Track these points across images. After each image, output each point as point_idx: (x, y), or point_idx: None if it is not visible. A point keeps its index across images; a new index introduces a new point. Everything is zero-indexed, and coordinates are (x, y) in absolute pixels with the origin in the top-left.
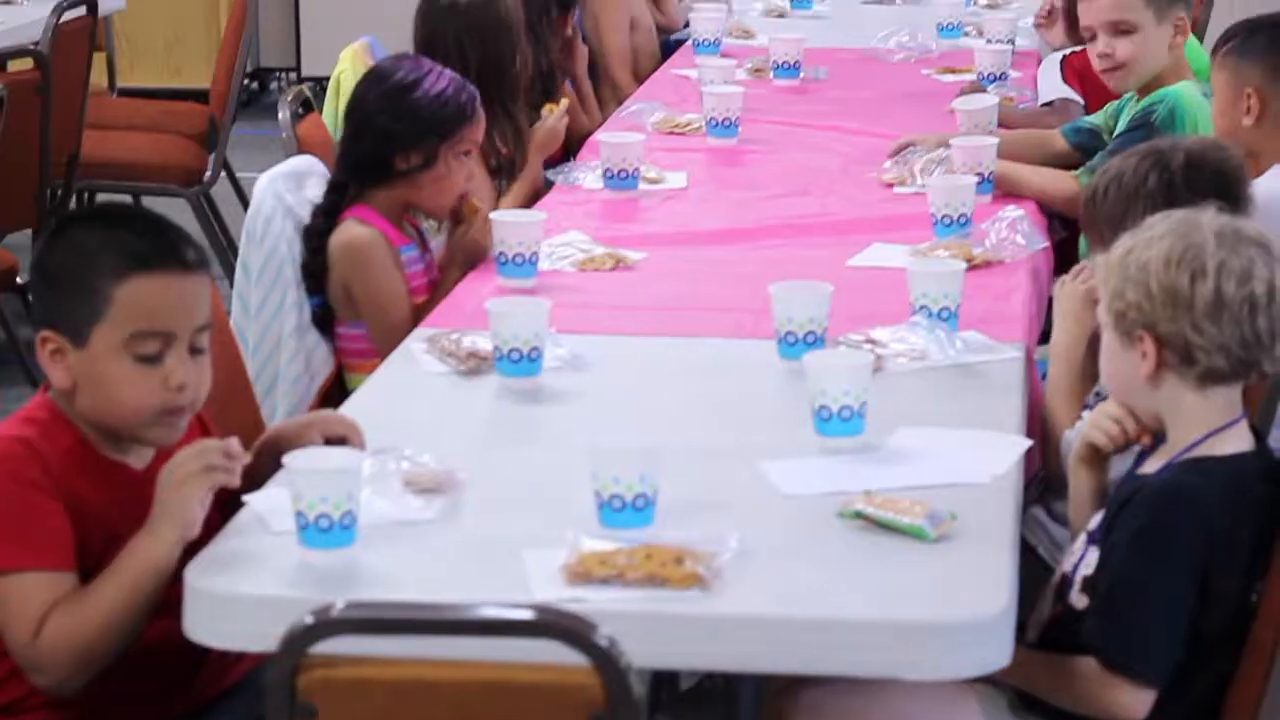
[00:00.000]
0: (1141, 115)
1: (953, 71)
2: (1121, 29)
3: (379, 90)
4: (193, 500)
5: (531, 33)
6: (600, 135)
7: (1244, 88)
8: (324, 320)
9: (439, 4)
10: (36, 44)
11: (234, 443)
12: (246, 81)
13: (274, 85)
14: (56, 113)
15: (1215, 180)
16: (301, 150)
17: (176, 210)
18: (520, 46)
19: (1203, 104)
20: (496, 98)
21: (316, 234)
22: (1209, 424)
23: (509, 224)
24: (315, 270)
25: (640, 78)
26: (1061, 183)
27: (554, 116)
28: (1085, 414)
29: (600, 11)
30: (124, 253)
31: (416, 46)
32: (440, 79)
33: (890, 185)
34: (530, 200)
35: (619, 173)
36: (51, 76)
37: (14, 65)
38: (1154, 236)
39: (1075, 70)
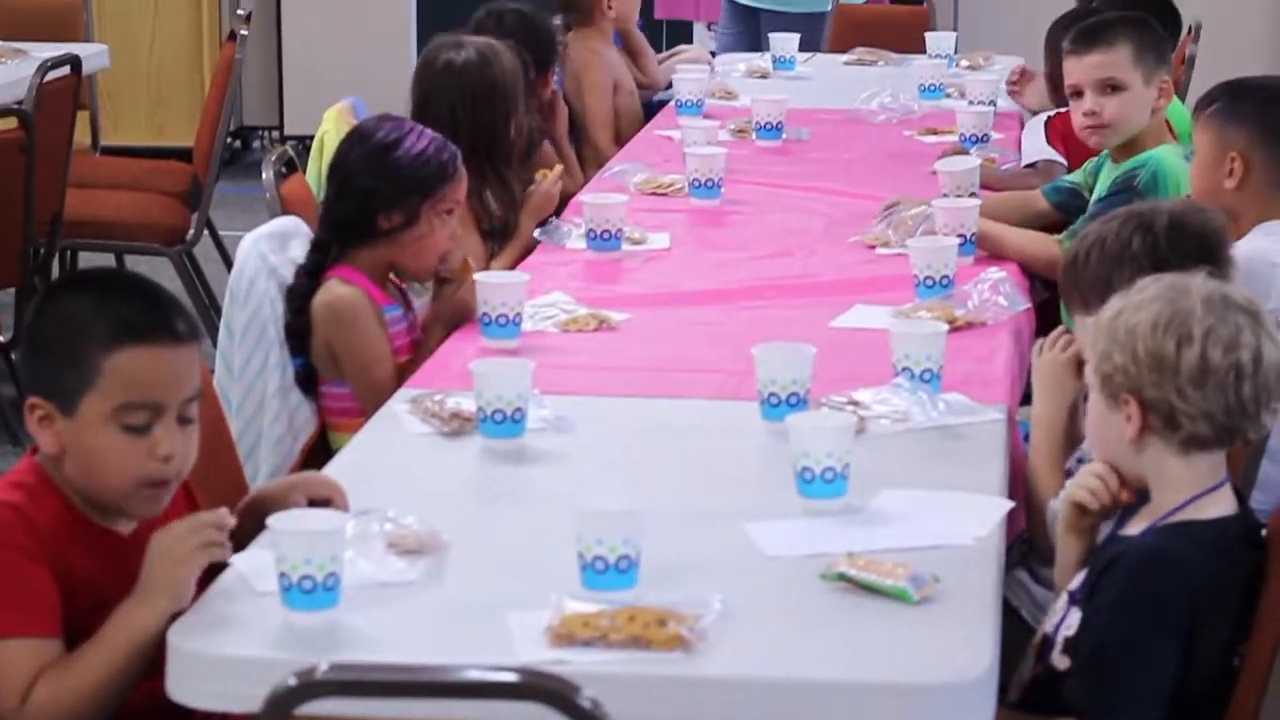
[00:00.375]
0: (1124, 179)
1: (935, 133)
2: (1109, 88)
3: (361, 149)
4: (190, 579)
5: None
6: (583, 196)
7: (1228, 151)
8: (307, 380)
9: (434, 66)
10: (21, 103)
11: (225, 514)
12: (229, 140)
13: (257, 144)
14: (40, 171)
15: (1198, 242)
16: (285, 210)
17: (159, 269)
18: (515, 111)
19: (1184, 167)
20: (489, 161)
21: (300, 294)
22: (1193, 488)
23: (492, 285)
24: (298, 330)
25: (623, 139)
26: (1043, 246)
27: (548, 181)
28: (1068, 482)
29: (582, 74)
30: (115, 323)
31: (412, 108)
32: (422, 138)
33: (872, 246)
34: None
35: (602, 233)
36: (36, 135)
37: None
38: (1143, 300)
39: (1059, 132)
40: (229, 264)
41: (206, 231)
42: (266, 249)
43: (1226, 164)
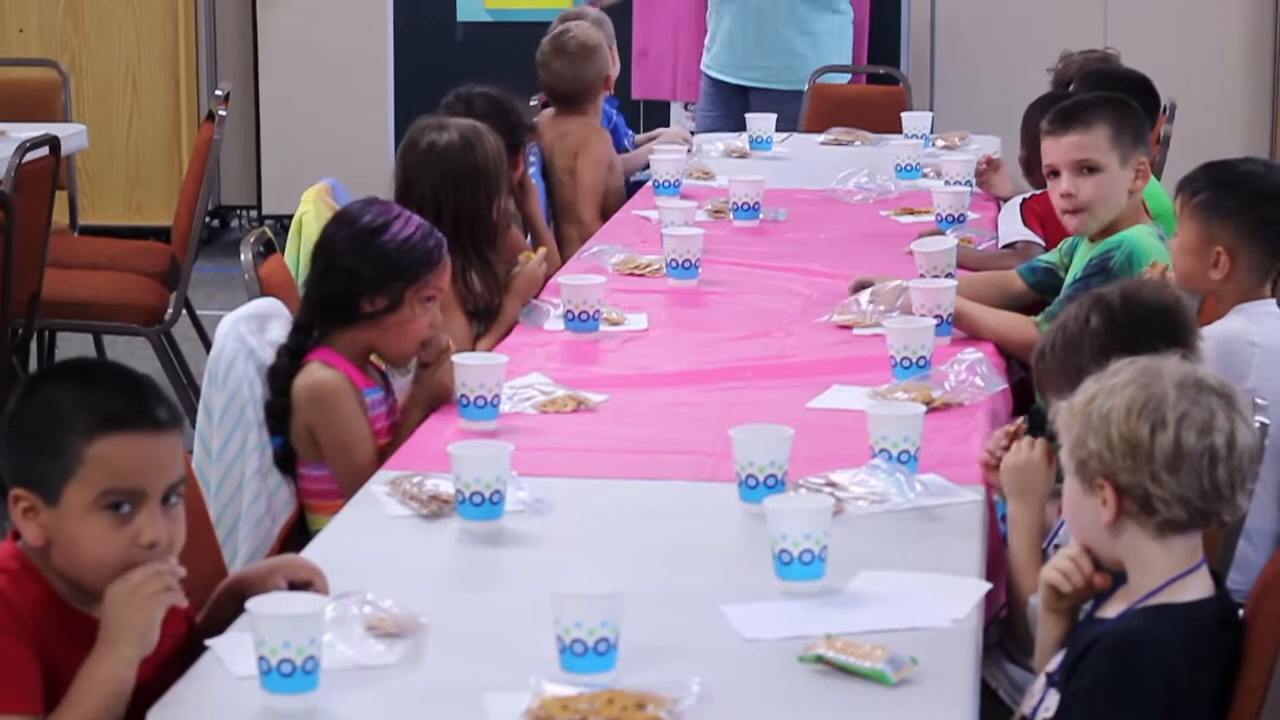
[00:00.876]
0: (1099, 261)
1: (911, 213)
2: (1086, 169)
3: (347, 232)
4: (154, 622)
5: None
6: (561, 277)
7: (1214, 245)
8: (286, 460)
9: (418, 148)
10: None
11: (175, 564)
12: (208, 219)
13: (235, 223)
14: (18, 252)
15: (1158, 316)
16: (264, 292)
17: (137, 349)
18: (498, 193)
19: (1159, 248)
20: (472, 243)
21: (281, 374)
22: (1169, 571)
23: (470, 366)
24: (278, 411)
25: (606, 216)
26: (1021, 328)
27: (533, 262)
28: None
29: (582, 149)
30: (96, 411)
31: (395, 189)
32: (408, 224)
33: (849, 327)
34: None
35: (580, 314)
36: (14, 216)
37: None
38: (1116, 385)
39: (1035, 213)
40: (207, 344)
41: (185, 311)
42: (245, 331)
43: (1212, 256)
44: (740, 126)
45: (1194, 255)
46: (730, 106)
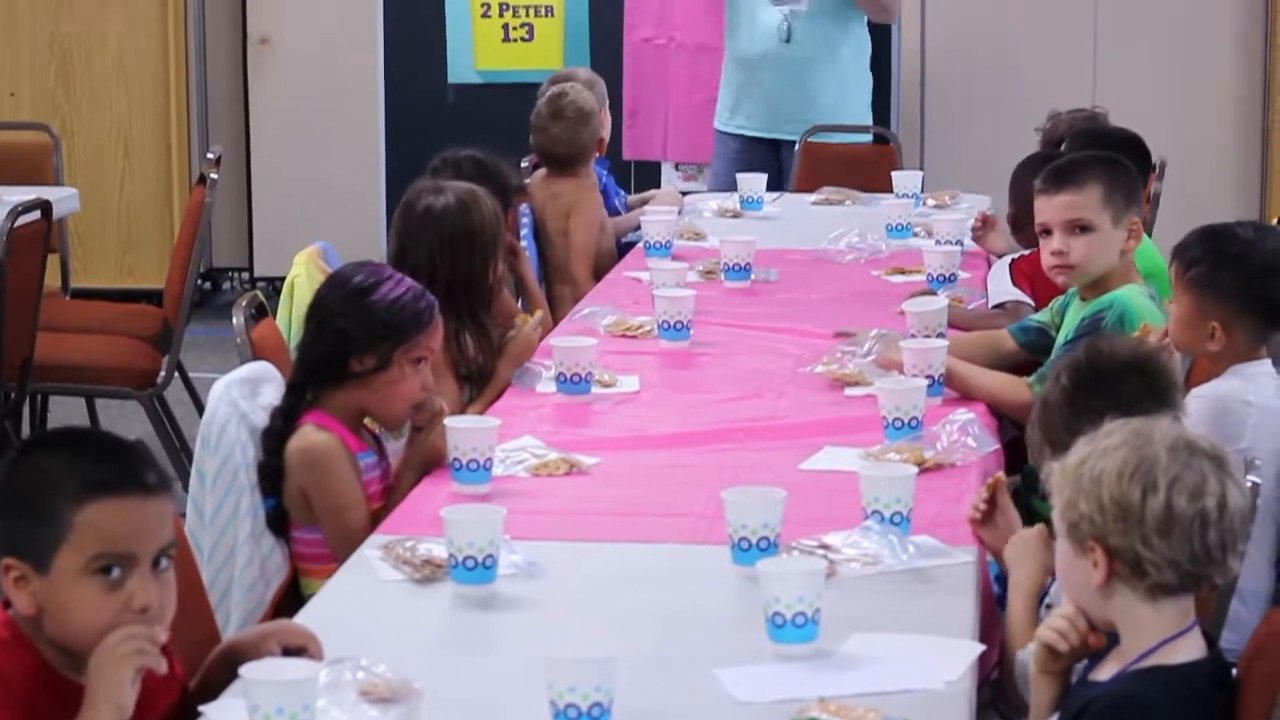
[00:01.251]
0: (1090, 321)
1: (902, 272)
2: (1078, 228)
3: (339, 293)
4: (126, 683)
5: None
6: (552, 339)
7: (1209, 319)
8: (278, 522)
9: (414, 211)
10: None
11: (157, 629)
12: (199, 281)
13: (227, 285)
14: (10, 316)
15: (1131, 374)
16: (256, 355)
17: (130, 412)
18: (494, 257)
19: (1151, 308)
20: (467, 307)
21: (274, 435)
22: (1160, 633)
23: (462, 430)
24: (271, 472)
25: (598, 277)
26: (1014, 389)
27: (528, 327)
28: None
29: (574, 210)
30: (86, 477)
31: (392, 252)
32: (399, 285)
33: (840, 386)
34: None
35: (572, 377)
36: (6, 281)
37: None
38: (1108, 447)
39: (1025, 273)
40: (199, 406)
41: (177, 374)
42: (237, 395)
43: (1207, 329)
44: (782, 184)
45: (1191, 327)
46: (765, 160)
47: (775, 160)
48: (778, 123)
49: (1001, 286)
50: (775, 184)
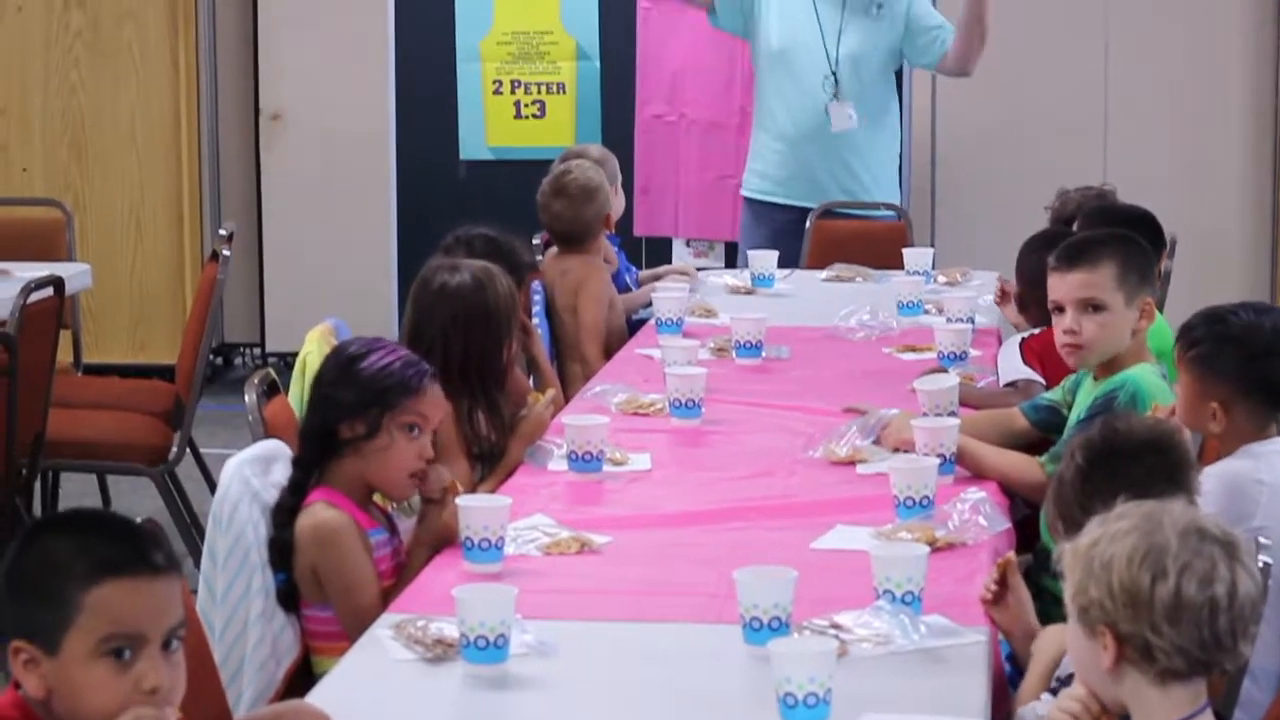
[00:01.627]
0: (1103, 401)
1: (913, 350)
2: (1091, 307)
3: (333, 362)
4: None
5: None
6: (564, 418)
7: (1209, 400)
8: (289, 598)
9: (429, 288)
10: (3, 325)
11: (168, 712)
12: (211, 357)
13: (239, 360)
14: (23, 393)
15: (1149, 452)
16: (268, 433)
17: (141, 488)
18: (508, 335)
19: (1163, 388)
20: (480, 385)
21: (284, 510)
22: (1171, 716)
23: (474, 509)
24: (281, 546)
25: (609, 354)
26: (1026, 469)
27: (540, 405)
28: (1046, 696)
29: (582, 287)
30: (94, 559)
31: (407, 329)
32: (390, 354)
33: (852, 463)
34: None
35: (583, 455)
36: (19, 358)
37: None
38: (1119, 531)
39: (1035, 352)
40: (211, 482)
41: (188, 450)
42: (249, 473)
43: (1209, 410)
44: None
45: (1194, 407)
46: (796, 231)
47: (799, 227)
48: (807, 193)
49: (1012, 365)
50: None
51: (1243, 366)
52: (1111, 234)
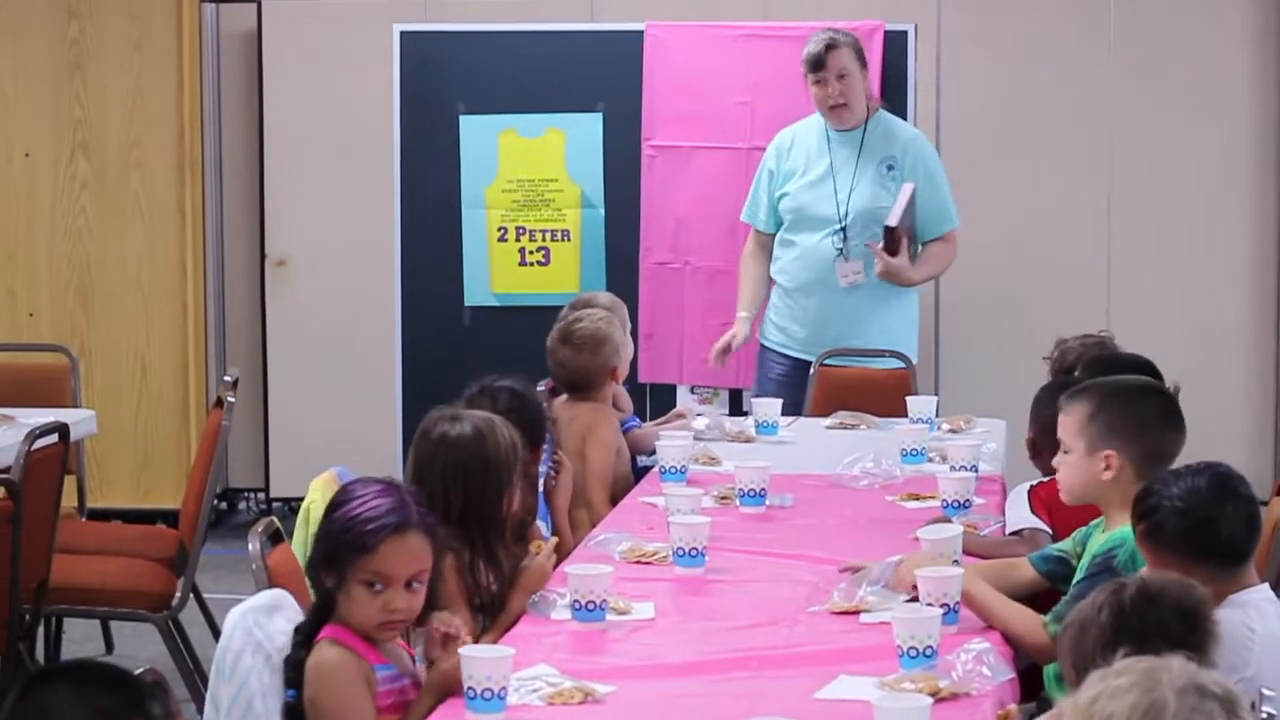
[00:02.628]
0: (1103, 559)
1: (917, 498)
2: (1063, 449)
3: (328, 506)
4: None
5: None
6: (567, 566)
7: (1168, 569)
8: (297, 714)
9: (430, 437)
10: (8, 471)
11: None
12: (215, 502)
13: (242, 505)
14: (27, 539)
15: (1176, 620)
16: (272, 582)
17: (144, 634)
18: (509, 486)
19: None
20: (480, 535)
21: (306, 631)
22: None
23: (477, 658)
24: (297, 663)
25: (615, 499)
26: (1030, 628)
27: (542, 556)
28: None
29: (589, 433)
30: (90, 710)
31: (407, 477)
32: (361, 505)
33: (856, 612)
34: None
35: (587, 604)
36: (23, 505)
37: None
38: (1119, 687)
39: (1043, 501)
40: (214, 628)
41: (192, 595)
42: (252, 623)
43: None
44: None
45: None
46: (793, 380)
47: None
48: (821, 346)
49: (1019, 514)
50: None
51: (1184, 537)
52: (1097, 382)
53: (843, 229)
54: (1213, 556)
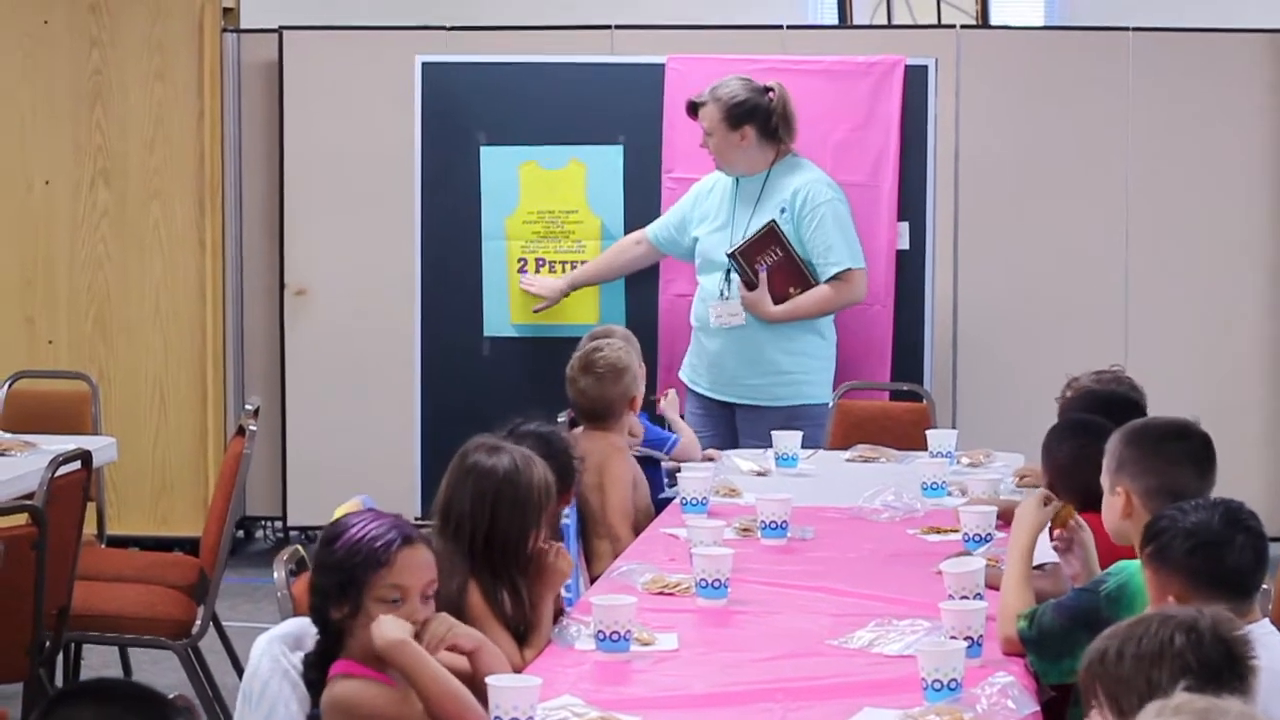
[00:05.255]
0: (1093, 581)
1: (938, 531)
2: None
3: (317, 550)
4: None
5: None
6: (591, 597)
7: (1166, 594)
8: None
9: (465, 463)
10: (31, 497)
11: None
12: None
13: (260, 533)
14: (49, 566)
15: (1231, 649)
16: (297, 610)
17: (164, 662)
18: (536, 524)
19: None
20: (503, 566)
21: (320, 654)
22: None
23: (505, 689)
24: (314, 681)
25: (637, 531)
26: (1006, 616)
27: (554, 556)
28: None
29: (605, 467)
30: None
31: (438, 501)
32: (361, 528)
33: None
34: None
35: (610, 635)
36: (47, 532)
37: (6, 519)
38: None
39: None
40: (233, 655)
41: (211, 623)
42: (279, 650)
43: (1167, 603)
44: (730, 438)
45: (1155, 603)
46: (718, 419)
47: (728, 418)
48: (726, 386)
49: (1041, 548)
50: (731, 443)
51: (1186, 561)
52: (1129, 424)
53: (727, 271)
54: (1217, 584)
